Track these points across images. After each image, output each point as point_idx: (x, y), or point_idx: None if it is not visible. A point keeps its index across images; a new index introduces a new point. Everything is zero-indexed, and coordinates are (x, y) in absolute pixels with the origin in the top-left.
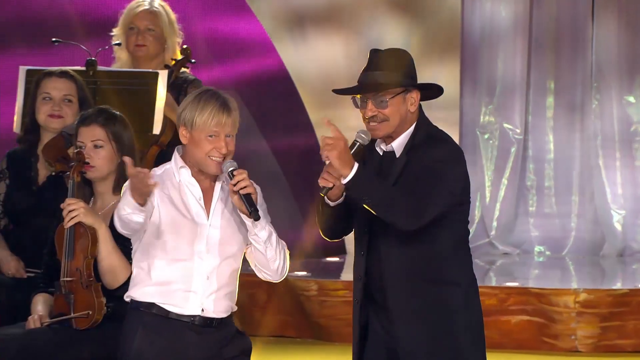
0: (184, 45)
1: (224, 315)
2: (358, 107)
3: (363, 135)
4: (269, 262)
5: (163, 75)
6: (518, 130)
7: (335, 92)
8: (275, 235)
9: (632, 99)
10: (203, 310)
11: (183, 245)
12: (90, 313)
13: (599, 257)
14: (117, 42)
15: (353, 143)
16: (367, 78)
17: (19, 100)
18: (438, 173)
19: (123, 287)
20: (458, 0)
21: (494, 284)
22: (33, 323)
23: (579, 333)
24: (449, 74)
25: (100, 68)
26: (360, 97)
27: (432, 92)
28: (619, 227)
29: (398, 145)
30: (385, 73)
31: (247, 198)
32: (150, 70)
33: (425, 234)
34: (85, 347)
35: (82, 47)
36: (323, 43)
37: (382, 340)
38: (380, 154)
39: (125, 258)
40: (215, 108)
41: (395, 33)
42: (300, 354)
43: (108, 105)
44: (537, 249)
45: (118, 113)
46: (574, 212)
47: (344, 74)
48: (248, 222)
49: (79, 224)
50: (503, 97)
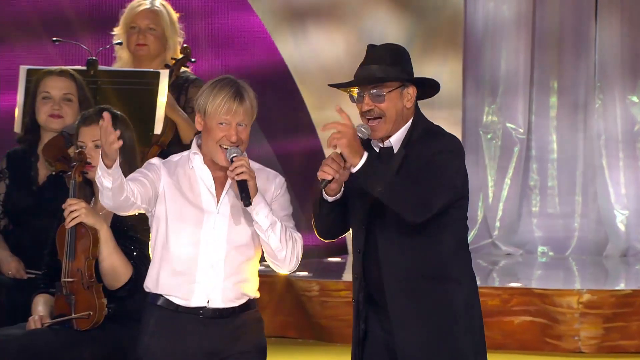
0: (184, 45)
1: (235, 304)
2: (354, 101)
3: (363, 129)
4: (275, 251)
5: (164, 75)
6: (521, 130)
7: (332, 86)
8: (282, 226)
9: (635, 99)
10: (209, 302)
11: (188, 234)
12: (91, 314)
13: (602, 257)
14: (118, 41)
15: None
16: (363, 72)
17: (19, 100)
18: (439, 166)
19: (124, 287)
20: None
21: (497, 285)
22: (34, 324)
23: (582, 334)
24: (452, 73)
25: (101, 67)
26: (357, 91)
27: (429, 90)
28: (623, 227)
29: (396, 141)
30: (383, 67)
31: (240, 184)
32: (152, 70)
33: (427, 232)
34: (86, 348)
35: (82, 46)
36: (325, 42)
37: (381, 341)
38: (377, 151)
39: (127, 259)
40: (228, 96)
41: (398, 32)
42: (302, 355)
43: (109, 105)
44: (540, 250)
45: (119, 113)
46: (577, 212)
47: (346, 73)
48: (248, 209)
49: (80, 225)
50: (506, 96)
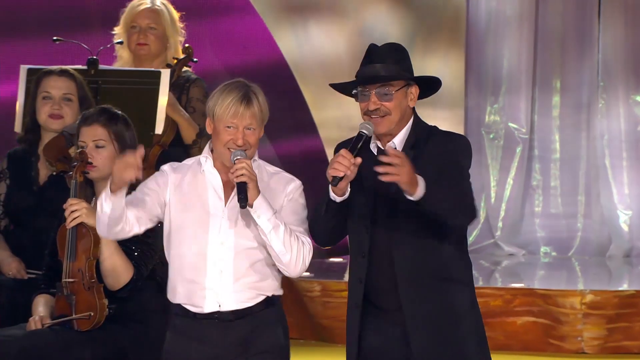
0: (186, 44)
1: (251, 304)
2: (358, 100)
3: (368, 126)
4: (278, 255)
5: (165, 75)
6: (523, 130)
7: (337, 85)
8: (286, 230)
9: (638, 98)
10: (220, 306)
11: (195, 240)
12: (92, 314)
13: (606, 257)
14: (118, 40)
15: (359, 135)
16: (369, 70)
17: (20, 100)
18: (461, 167)
19: (125, 288)
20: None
21: (500, 285)
22: (34, 324)
23: (585, 334)
24: (454, 73)
25: (102, 67)
26: (362, 89)
27: (428, 90)
28: (626, 227)
29: (399, 142)
30: (389, 66)
31: (240, 185)
32: (153, 70)
33: (434, 233)
34: (87, 348)
35: (83, 45)
36: (326, 40)
37: (380, 345)
38: (375, 152)
39: (128, 259)
40: (235, 99)
41: (399, 32)
42: (303, 356)
43: (110, 105)
44: (543, 250)
45: (120, 112)
46: (580, 212)
47: (347, 72)
48: (250, 211)
49: (81, 225)
50: (508, 96)
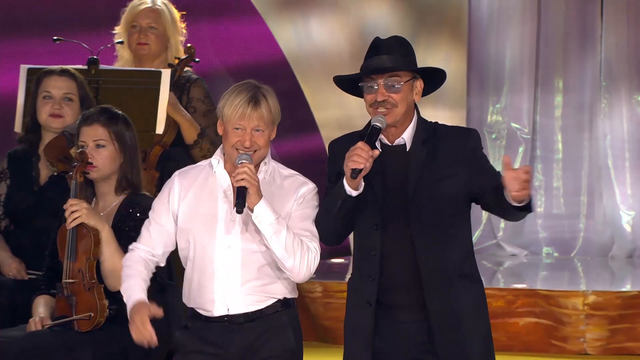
0: (188, 44)
1: (261, 306)
2: (364, 92)
3: (381, 119)
4: (281, 259)
5: (166, 75)
6: (526, 130)
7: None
8: (289, 235)
9: None
10: (229, 309)
11: (203, 242)
12: (92, 315)
13: (608, 258)
14: (119, 40)
15: (373, 128)
16: (375, 62)
17: (20, 100)
18: (488, 160)
19: None
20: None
21: (502, 286)
22: (34, 325)
23: (588, 335)
24: (456, 73)
25: (102, 67)
26: (369, 81)
27: (430, 87)
28: (629, 228)
29: (409, 138)
30: (396, 57)
31: (238, 190)
32: (153, 69)
33: (453, 229)
34: (87, 349)
35: (83, 45)
36: (327, 40)
37: (393, 341)
38: (379, 149)
39: None
40: (243, 101)
41: (401, 32)
42: (304, 357)
43: (110, 105)
44: (545, 250)
45: (120, 112)
46: (583, 212)
47: (349, 72)
48: (252, 216)
49: (82, 225)
50: (511, 96)
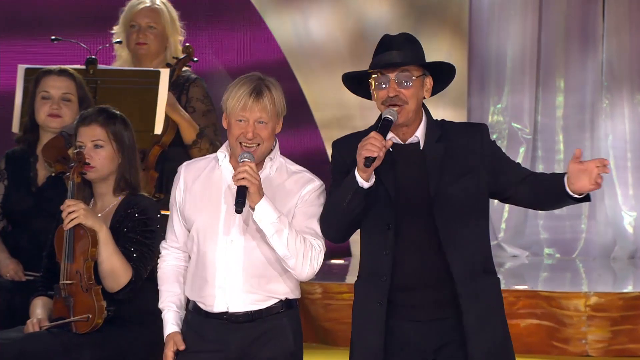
0: (187, 44)
1: (261, 307)
2: (374, 89)
3: (392, 111)
4: (283, 258)
5: (165, 74)
6: (527, 130)
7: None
8: (292, 234)
9: None
10: (228, 307)
11: (206, 236)
12: (91, 317)
13: (610, 259)
14: (117, 40)
15: (385, 120)
16: (386, 57)
17: (18, 100)
18: (505, 154)
19: (124, 290)
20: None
21: (503, 287)
22: (32, 327)
23: (590, 337)
24: (456, 73)
25: (101, 66)
26: (380, 78)
27: (440, 83)
28: (630, 229)
29: (422, 135)
30: (406, 52)
31: (238, 189)
32: (152, 69)
33: (477, 225)
34: (85, 351)
35: (82, 45)
36: (328, 39)
37: (409, 341)
38: (390, 149)
39: (127, 260)
40: (245, 92)
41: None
42: (305, 358)
43: (108, 105)
44: (546, 251)
45: (118, 112)
46: (585, 213)
47: (348, 70)
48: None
49: (79, 226)
50: (512, 96)
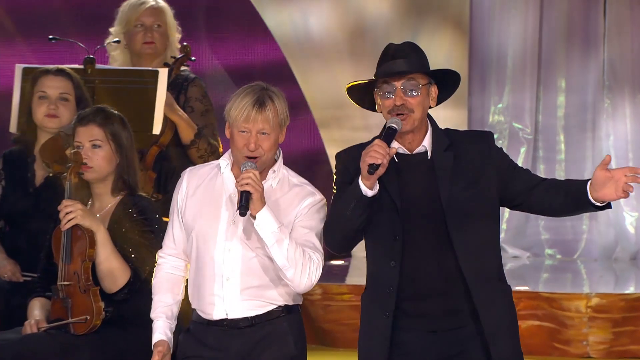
0: (184, 43)
1: (260, 312)
2: (380, 99)
3: (396, 120)
4: (282, 269)
5: (163, 74)
6: (528, 130)
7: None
8: (292, 245)
9: None
10: (227, 314)
11: (205, 244)
12: (89, 318)
13: (612, 260)
14: (115, 39)
15: (389, 128)
16: (393, 66)
17: (15, 100)
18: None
19: (122, 291)
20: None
21: None
22: (30, 328)
23: (591, 338)
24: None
25: (99, 66)
26: (385, 87)
27: (445, 92)
28: (632, 229)
29: (429, 145)
30: (412, 61)
31: (242, 194)
32: (150, 69)
33: (489, 233)
34: (84, 352)
35: (79, 44)
36: (328, 39)
37: (416, 352)
38: (396, 159)
39: (125, 261)
40: (248, 103)
41: (403, 33)
42: None
43: (106, 105)
44: (547, 252)
45: (116, 112)
46: (586, 214)
47: (350, 71)
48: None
49: (77, 227)
50: (513, 95)
